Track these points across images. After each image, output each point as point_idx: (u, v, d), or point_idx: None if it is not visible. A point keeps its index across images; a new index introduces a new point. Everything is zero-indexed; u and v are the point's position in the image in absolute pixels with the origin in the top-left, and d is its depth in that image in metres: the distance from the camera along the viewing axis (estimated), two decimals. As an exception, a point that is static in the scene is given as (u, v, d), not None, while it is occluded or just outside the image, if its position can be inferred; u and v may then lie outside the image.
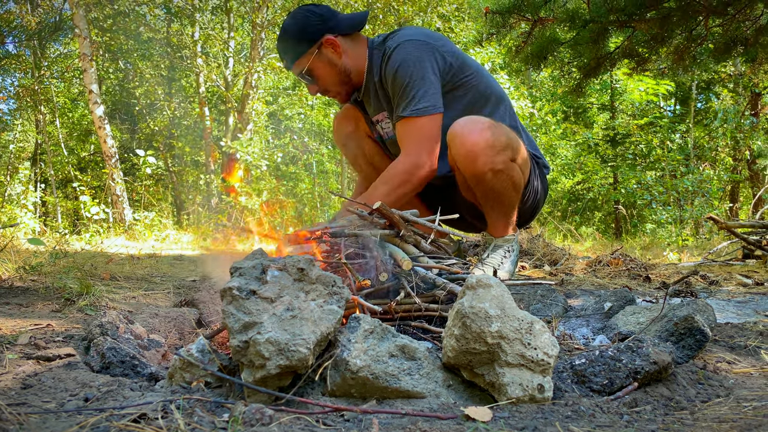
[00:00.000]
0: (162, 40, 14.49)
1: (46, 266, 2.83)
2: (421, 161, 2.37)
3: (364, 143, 2.90)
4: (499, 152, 2.34)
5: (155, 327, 1.76)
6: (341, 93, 2.62)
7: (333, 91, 2.60)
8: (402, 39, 2.42)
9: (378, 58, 2.51)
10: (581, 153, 12.19)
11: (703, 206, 8.71)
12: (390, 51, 2.42)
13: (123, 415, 0.97)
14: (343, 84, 2.57)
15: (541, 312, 1.96)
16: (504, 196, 2.48)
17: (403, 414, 1.03)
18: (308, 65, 2.46)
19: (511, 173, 2.41)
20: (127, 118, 17.42)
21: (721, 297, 2.51)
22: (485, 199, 2.52)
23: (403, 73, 2.36)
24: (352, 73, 2.55)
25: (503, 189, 2.44)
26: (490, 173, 2.36)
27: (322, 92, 2.61)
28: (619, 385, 1.17)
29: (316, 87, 2.57)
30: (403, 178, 2.36)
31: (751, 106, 11.42)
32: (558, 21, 4.26)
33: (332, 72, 2.51)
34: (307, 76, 2.50)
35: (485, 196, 2.50)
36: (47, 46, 13.56)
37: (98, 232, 7.67)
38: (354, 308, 1.43)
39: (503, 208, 2.55)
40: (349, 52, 2.52)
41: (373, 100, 2.64)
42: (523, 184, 2.56)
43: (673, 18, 3.94)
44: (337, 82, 2.55)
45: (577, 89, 5.05)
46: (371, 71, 2.55)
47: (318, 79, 2.52)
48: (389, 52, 2.42)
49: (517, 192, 2.51)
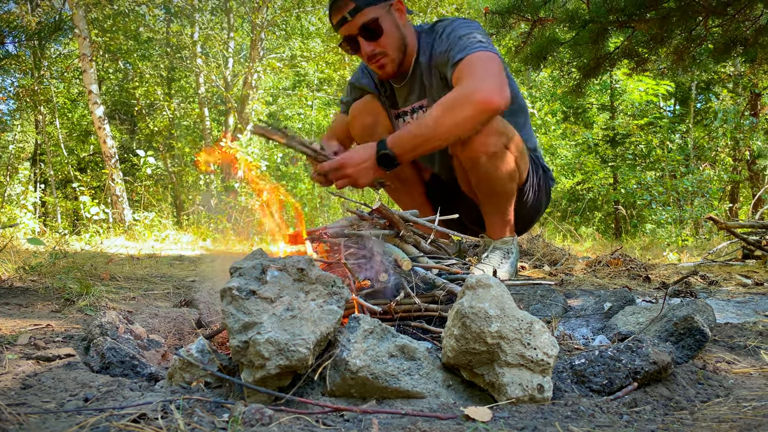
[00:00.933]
0: (162, 41, 14.49)
1: (46, 266, 2.82)
2: (485, 85, 2.12)
3: None
4: (493, 136, 2.33)
5: (155, 327, 1.76)
6: (395, 61, 2.46)
7: (390, 55, 2.44)
8: (455, 18, 2.44)
9: (428, 40, 2.47)
10: (581, 153, 12.18)
11: (703, 206, 8.70)
12: (445, 24, 2.41)
13: (123, 415, 0.97)
14: (400, 52, 2.46)
15: (541, 312, 1.96)
16: (498, 185, 2.46)
17: (403, 414, 1.03)
18: (379, 17, 2.33)
19: (505, 158, 2.41)
20: (126, 118, 17.42)
21: (721, 297, 2.51)
22: (480, 188, 2.51)
23: (459, 32, 2.32)
24: (406, 48, 2.48)
25: (498, 176, 2.42)
26: (485, 156, 2.35)
27: (374, 55, 2.41)
28: (619, 385, 1.17)
29: (372, 46, 2.38)
30: (459, 100, 2.10)
31: (750, 107, 11.42)
32: (557, 21, 4.26)
33: (396, 34, 2.41)
34: (371, 28, 2.33)
35: (480, 184, 2.49)
36: (47, 47, 13.56)
37: (98, 233, 7.67)
38: (353, 308, 1.43)
39: (498, 199, 2.54)
40: (407, 26, 2.48)
41: (416, 86, 2.58)
42: (520, 178, 2.55)
43: (673, 18, 3.94)
44: (397, 47, 2.44)
45: (577, 89, 5.05)
46: (419, 54, 2.50)
47: (383, 35, 2.36)
48: (444, 26, 2.40)
49: (512, 181, 2.50)
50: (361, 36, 2.36)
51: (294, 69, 16.73)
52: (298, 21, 15.35)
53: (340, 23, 2.36)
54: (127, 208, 10.01)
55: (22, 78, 13.41)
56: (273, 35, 15.13)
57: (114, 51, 12.90)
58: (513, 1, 4.19)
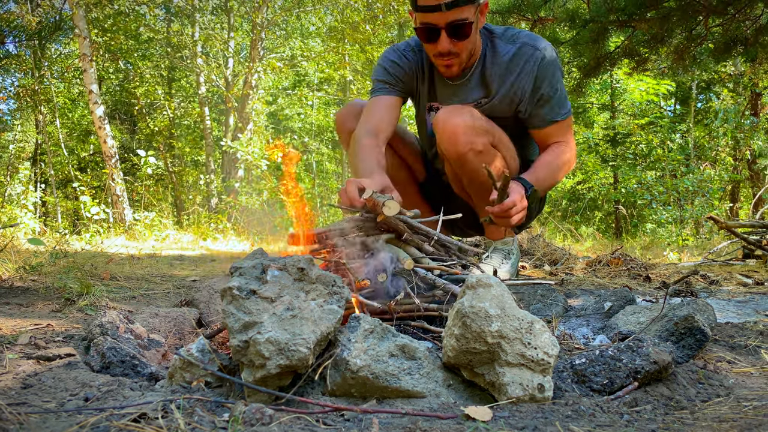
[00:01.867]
0: (162, 41, 14.48)
1: (46, 266, 2.83)
2: (575, 154, 2.58)
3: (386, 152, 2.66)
4: (479, 134, 2.33)
5: (155, 327, 1.76)
6: (462, 63, 2.40)
7: (462, 58, 2.37)
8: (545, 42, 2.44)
9: (507, 48, 2.42)
10: (581, 153, 12.18)
11: (704, 206, 8.70)
12: (544, 54, 2.38)
13: (123, 415, 0.97)
14: (470, 55, 2.41)
15: (541, 312, 1.96)
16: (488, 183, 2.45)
17: (403, 414, 1.03)
18: (470, 18, 2.24)
19: (492, 156, 2.40)
20: (127, 118, 17.41)
21: (721, 297, 2.51)
22: (471, 187, 2.51)
23: (560, 78, 2.46)
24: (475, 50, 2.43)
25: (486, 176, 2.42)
26: (471, 153, 2.34)
27: (449, 53, 2.33)
28: (620, 384, 1.17)
29: (453, 45, 2.30)
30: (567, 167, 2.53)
31: (751, 106, 11.42)
32: (558, 21, 4.26)
33: (475, 39, 2.37)
34: (461, 28, 2.24)
35: (471, 183, 2.49)
36: (47, 46, 13.56)
37: (98, 232, 7.67)
38: (353, 308, 1.43)
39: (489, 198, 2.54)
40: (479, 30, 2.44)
41: (471, 87, 2.50)
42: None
43: (673, 18, 3.94)
44: (470, 51, 2.38)
45: (577, 89, 5.05)
46: (482, 57, 2.45)
47: (466, 35, 2.27)
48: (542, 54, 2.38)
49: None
50: (447, 31, 2.25)
51: (294, 69, 16.74)
52: (298, 21, 15.37)
53: (432, 9, 2.20)
54: (128, 208, 10.01)
55: (22, 78, 13.41)
56: (273, 35, 15.13)
57: (114, 51, 12.89)
58: (513, 1, 4.19)
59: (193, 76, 15.11)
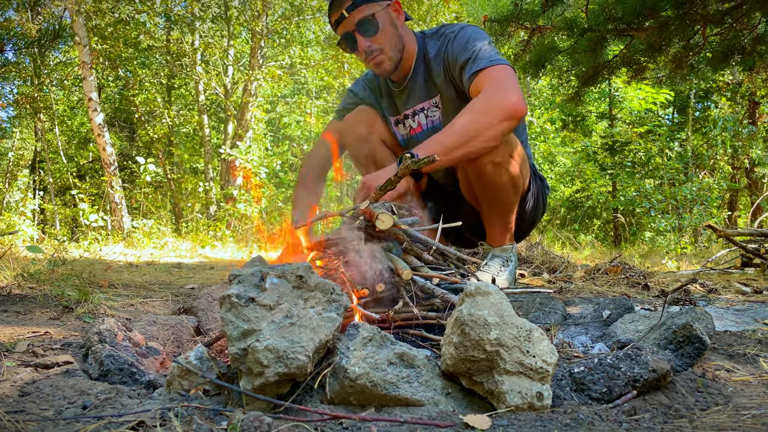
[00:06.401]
0: (162, 49, 14.51)
1: (45, 274, 2.82)
2: (507, 94, 2.16)
3: (377, 149, 2.77)
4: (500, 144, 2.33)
5: (153, 334, 1.76)
6: (392, 59, 2.46)
7: (387, 53, 2.44)
8: (465, 24, 2.47)
9: (435, 43, 2.49)
10: (580, 161, 12.21)
11: (702, 214, 8.72)
12: (457, 30, 2.42)
13: (121, 423, 0.97)
14: (398, 51, 2.47)
15: (540, 320, 1.96)
16: (502, 194, 2.48)
17: (402, 422, 1.03)
18: (375, 13, 2.36)
19: (509, 168, 2.42)
20: (126, 125, 17.44)
21: (720, 305, 2.51)
22: (484, 196, 2.52)
23: (474, 40, 2.35)
24: (404, 49, 2.49)
25: (502, 185, 2.44)
26: (490, 165, 2.37)
27: (371, 51, 2.42)
28: (618, 393, 1.17)
29: (369, 42, 2.40)
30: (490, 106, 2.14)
31: (749, 115, 11.47)
32: (556, 29, 4.28)
33: (393, 32, 2.43)
34: (367, 23, 2.36)
35: (484, 192, 2.50)
36: (47, 54, 13.59)
37: (97, 240, 7.66)
38: (352, 317, 1.43)
39: (502, 208, 2.56)
40: (405, 29, 2.52)
41: (417, 89, 2.58)
42: (522, 187, 2.57)
43: (671, 27, 3.96)
44: (394, 46, 2.45)
45: (576, 97, 5.06)
46: (421, 58, 2.53)
47: (380, 32, 2.39)
48: (455, 31, 2.42)
49: (516, 193, 2.52)
50: (358, 32, 2.38)
51: (293, 77, 16.78)
52: (297, 29, 15.41)
53: (338, 21, 2.39)
54: (126, 216, 10.01)
55: (21, 85, 13.45)
56: (273, 43, 15.16)
57: (114, 59, 12.93)
58: (512, 9, 4.21)
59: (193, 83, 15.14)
